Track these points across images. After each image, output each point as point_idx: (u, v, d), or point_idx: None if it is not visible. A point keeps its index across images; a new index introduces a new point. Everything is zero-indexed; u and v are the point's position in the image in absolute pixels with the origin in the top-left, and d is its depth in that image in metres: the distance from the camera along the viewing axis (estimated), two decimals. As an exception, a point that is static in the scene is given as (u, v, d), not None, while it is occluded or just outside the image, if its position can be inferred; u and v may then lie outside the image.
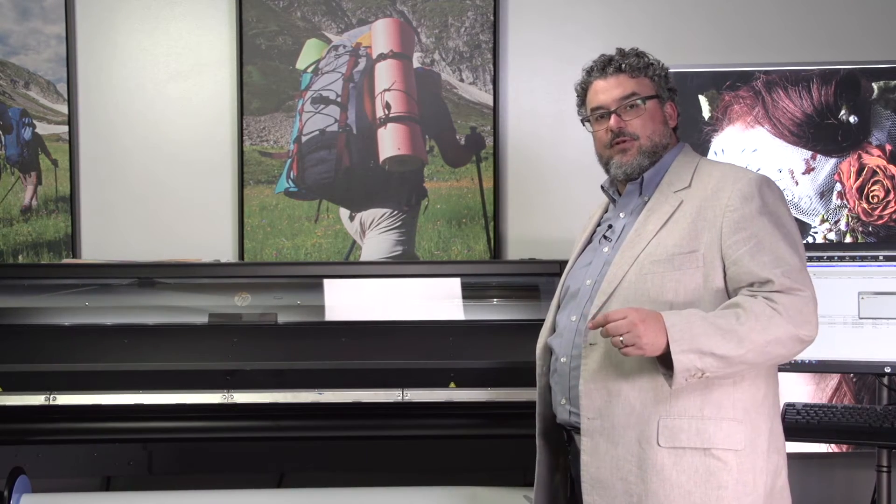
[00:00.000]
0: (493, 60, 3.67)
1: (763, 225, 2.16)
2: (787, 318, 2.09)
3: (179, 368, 2.96)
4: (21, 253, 3.68)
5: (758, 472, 2.14)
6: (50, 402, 2.88)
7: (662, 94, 2.37)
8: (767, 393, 2.20)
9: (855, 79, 3.58)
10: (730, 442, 2.12)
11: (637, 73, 2.35)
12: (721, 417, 2.13)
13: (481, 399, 2.92)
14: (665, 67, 2.40)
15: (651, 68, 2.37)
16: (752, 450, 2.13)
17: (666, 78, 2.38)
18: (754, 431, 2.14)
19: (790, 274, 2.13)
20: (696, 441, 2.13)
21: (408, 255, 3.68)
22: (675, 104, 2.40)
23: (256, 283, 3.27)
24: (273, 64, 3.67)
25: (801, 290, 2.12)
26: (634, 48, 2.41)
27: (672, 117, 2.39)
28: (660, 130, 2.35)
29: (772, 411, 2.20)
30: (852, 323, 3.05)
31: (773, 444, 2.18)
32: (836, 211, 3.59)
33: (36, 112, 3.68)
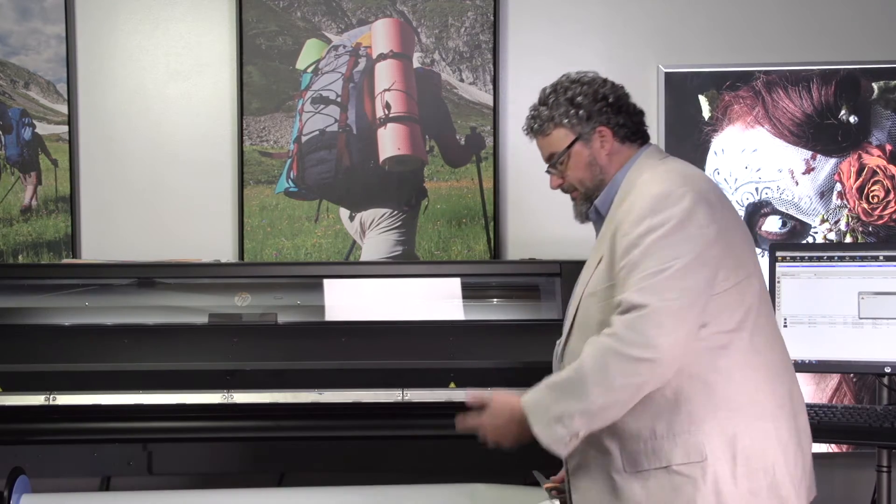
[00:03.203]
0: (493, 60, 3.67)
1: (643, 246, 2.08)
2: (618, 344, 2.04)
3: (179, 368, 2.96)
4: (21, 253, 3.68)
5: (725, 479, 2.08)
6: (50, 402, 2.88)
7: (582, 129, 2.29)
8: (724, 399, 2.11)
9: (855, 79, 3.59)
10: (688, 456, 2.09)
11: (547, 129, 2.33)
12: (674, 433, 2.10)
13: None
14: (577, 92, 2.30)
15: (557, 116, 2.30)
16: (714, 458, 2.08)
17: (579, 106, 2.28)
18: (715, 439, 2.09)
19: (641, 288, 2.05)
20: (656, 461, 2.11)
21: (408, 255, 3.68)
22: (609, 119, 2.29)
23: (256, 283, 3.27)
24: (273, 64, 3.67)
25: (644, 304, 2.03)
26: (543, 92, 2.37)
27: (605, 142, 2.29)
28: (591, 171, 2.30)
29: (735, 416, 2.11)
30: (852, 323, 3.05)
31: (744, 445, 2.10)
32: (836, 211, 3.60)
33: (36, 112, 3.68)
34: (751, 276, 2.18)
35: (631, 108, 2.33)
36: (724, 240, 2.12)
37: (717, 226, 2.10)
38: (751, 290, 2.17)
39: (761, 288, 2.22)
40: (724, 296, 2.12)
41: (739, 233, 2.22)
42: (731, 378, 2.12)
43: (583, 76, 2.35)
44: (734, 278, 2.13)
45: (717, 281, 2.10)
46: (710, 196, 2.15)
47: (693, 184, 2.15)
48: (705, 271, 2.07)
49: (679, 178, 2.17)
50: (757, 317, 2.17)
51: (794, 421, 2.19)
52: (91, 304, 3.23)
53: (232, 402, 2.90)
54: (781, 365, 2.21)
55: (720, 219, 2.13)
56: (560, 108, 2.30)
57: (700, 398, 2.11)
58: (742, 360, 2.13)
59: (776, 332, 2.25)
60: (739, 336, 2.13)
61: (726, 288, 2.12)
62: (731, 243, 2.15)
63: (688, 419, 2.11)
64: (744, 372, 2.13)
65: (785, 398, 2.18)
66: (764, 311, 2.21)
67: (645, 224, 2.09)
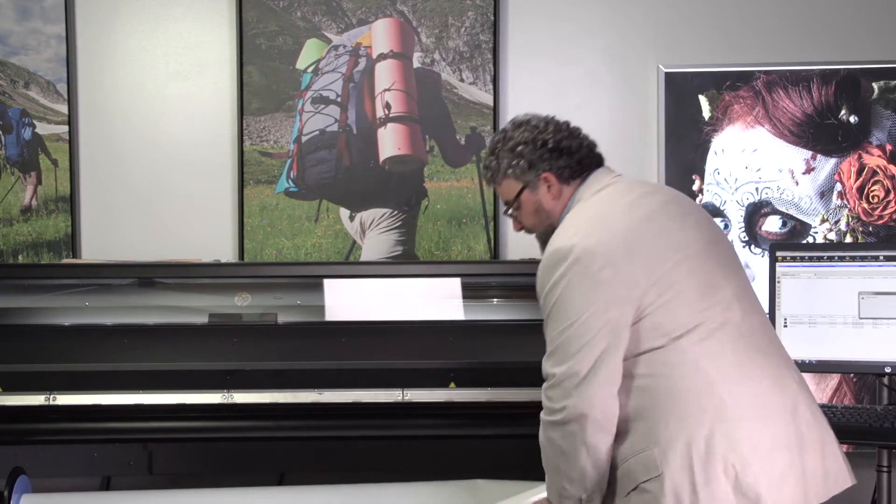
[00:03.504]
0: (494, 60, 3.67)
1: (546, 310, 2.22)
2: (546, 415, 2.20)
3: (179, 368, 2.96)
4: (21, 253, 3.68)
5: (684, 489, 2.09)
6: (50, 402, 2.88)
7: (527, 178, 2.37)
8: (672, 410, 2.13)
9: (855, 79, 3.59)
10: (648, 472, 2.13)
11: (497, 180, 2.43)
12: (636, 452, 2.15)
13: (481, 399, 2.92)
14: (518, 140, 2.38)
15: (503, 168, 2.39)
16: (671, 470, 2.10)
17: (521, 156, 2.37)
18: (670, 451, 2.10)
19: (549, 355, 2.20)
20: (630, 483, 2.16)
21: (408, 255, 3.68)
22: (551, 165, 2.36)
23: (256, 283, 3.27)
24: (273, 64, 3.67)
25: (552, 374, 2.18)
26: (492, 141, 2.45)
27: (551, 186, 2.37)
28: (539, 217, 2.41)
29: (686, 425, 2.11)
30: (852, 323, 3.05)
31: (700, 452, 2.09)
32: (836, 211, 3.60)
33: (36, 112, 3.68)
34: (690, 289, 2.19)
35: (573, 147, 2.38)
36: (633, 269, 2.16)
37: (615, 265, 2.16)
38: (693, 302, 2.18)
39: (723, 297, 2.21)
40: (657, 314, 2.16)
41: (668, 251, 2.21)
42: (677, 389, 2.14)
43: (526, 122, 2.42)
44: (667, 295, 2.17)
45: (642, 307, 2.16)
46: (604, 238, 2.19)
47: (587, 230, 2.21)
48: (610, 314, 2.15)
49: (576, 226, 2.25)
50: (712, 325, 2.18)
51: (776, 422, 2.15)
52: (91, 304, 3.22)
53: (232, 402, 2.90)
54: (754, 365, 2.19)
55: (620, 255, 2.17)
56: (505, 160, 2.40)
57: (650, 414, 2.15)
58: (687, 370, 2.15)
59: (747, 335, 2.22)
60: (681, 348, 2.16)
61: (658, 307, 2.16)
62: (647, 270, 2.17)
63: (643, 438, 2.15)
64: (691, 380, 2.14)
65: (759, 398, 2.15)
66: (728, 318, 2.20)
67: (545, 287, 2.22)
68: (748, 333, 2.22)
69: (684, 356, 2.15)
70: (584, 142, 2.40)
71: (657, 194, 2.34)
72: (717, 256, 2.28)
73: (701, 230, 2.30)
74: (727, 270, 2.27)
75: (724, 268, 2.27)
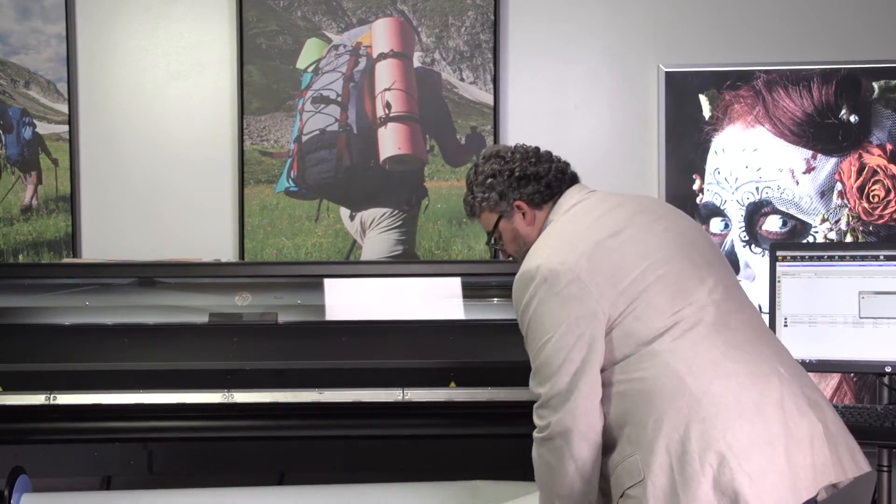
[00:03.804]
0: (494, 60, 3.67)
1: (523, 330, 2.30)
2: (535, 433, 2.25)
3: (180, 368, 2.95)
4: (21, 252, 3.68)
5: (665, 492, 2.10)
6: (50, 402, 2.88)
7: (500, 207, 2.45)
8: (649, 414, 2.15)
9: (855, 78, 3.58)
10: (632, 478, 2.15)
11: (476, 213, 2.51)
12: (623, 459, 2.18)
13: (481, 399, 2.92)
14: (488, 173, 2.44)
15: (478, 202, 2.47)
16: (653, 474, 2.11)
17: (492, 188, 2.44)
18: (651, 455, 2.12)
19: (533, 375, 2.26)
20: (617, 490, 2.20)
21: (408, 254, 3.68)
22: (521, 194, 2.43)
23: (257, 282, 3.27)
24: (273, 63, 3.67)
25: (538, 394, 2.24)
26: (467, 177, 2.51)
27: (525, 213, 2.44)
28: (517, 243, 2.48)
29: (664, 427, 2.13)
30: (853, 322, 3.05)
31: (678, 454, 2.10)
32: (836, 210, 3.59)
33: (36, 111, 3.68)
34: (660, 294, 2.22)
35: (541, 172, 2.44)
36: (599, 282, 2.20)
37: (580, 280, 2.20)
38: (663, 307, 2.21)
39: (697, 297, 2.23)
40: (627, 322, 2.20)
41: (636, 259, 2.24)
42: (652, 392, 2.16)
43: (495, 153, 2.50)
44: (637, 303, 2.21)
45: (612, 318, 2.20)
46: (568, 256, 2.23)
47: (551, 250, 2.27)
48: (581, 328, 2.20)
49: (542, 248, 2.31)
50: (684, 326, 2.20)
51: (754, 418, 2.14)
52: (91, 304, 3.22)
53: (232, 401, 2.89)
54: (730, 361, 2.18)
55: (585, 271, 2.21)
56: (479, 194, 2.48)
57: (631, 420, 2.18)
58: (659, 372, 2.17)
59: (724, 332, 2.22)
60: (653, 352, 2.18)
61: (627, 315, 2.20)
62: (613, 281, 2.21)
63: (627, 444, 2.18)
64: (665, 382, 2.16)
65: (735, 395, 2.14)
66: (701, 318, 2.21)
67: (518, 309, 2.30)
68: (725, 330, 2.22)
69: (656, 359, 2.18)
70: (553, 165, 2.46)
71: (626, 206, 2.37)
72: (691, 258, 2.29)
73: (673, 234, 2.33)
74: (705, 270, 2.28)
75: (699, 268, 2.28)
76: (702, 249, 2.35)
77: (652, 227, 2.31)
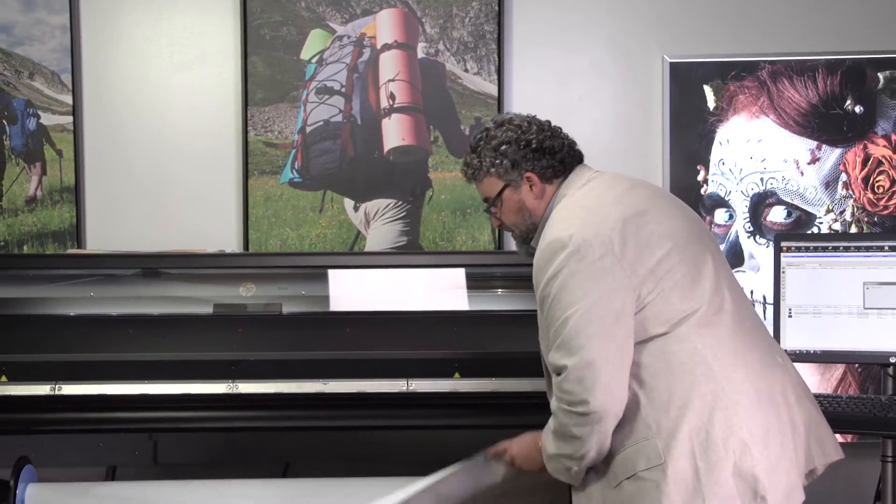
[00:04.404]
0: (498, 50, 3.67)
1: (547, 302, 2.21)
2: (561, 403, 2.17)
3: (184, 358, 2.96)
4: (26, 243, 3.69)
5: (687, 477, 2.11)
6: (55, 392, 2.88)
7: (510, 177, 2.38)
8: (673, 399, 2.15)
9: (861, 69, 3.58)
10: (649, 461, 2.14)
11: (478, 177, 2.43)
12: (636, 441, 2.17)
13: (486, 389, 2.92)
14: (502, 140, 2.38)
15: (485, 166, 2.39)
16: (673, 458, 2.11)
17: (504, 155, 2.37)
18: (673, 440, 2.12)
19: (557, 347, 2.17)
20: (626, 471, 2.18)
21: (412, 245, 3.68)
22: (534, 165, 2.37)
23: (261, 273, 3.27)
24: (277, 54, 3.67)
25: (563, 366, 2.15)
26: (473, 139, 2.44)
27: (533, 185, 2.38)
28: (521, 215, 2.41)
29: (688, 412, 2.13)
30: (857, 313, 3.05)
31: (701, 440, 2.12)
32: (841, 201, 3.59)
33: (40, 103, 3.68)
34: (683, 277, 2.21)
35: (556, 147, 2.39)
36: (630, 259, 2.18)
37: (614, 254, 2.17)
38: (686, 290, 2.21)
39: (713, 284, 2.24)
40: (656, 303, 2.19)
41: (660, 240, 2.23)
42: (678, 377, 2.16)
43: (508, 120, 2.42)
44: (663, 283, 2.19)
45: (641, 296, 2.18)
46: (601, 228, 2.19)
47: (581, 221, 2.21)
48: (614, 302, 2.15)
49: (569, 219, 2.25)
50: (709, 311, 2.21)
51: (768, 408, 2.18)
52: (96, 295, 3.23)
53: (237, 392, 2.90)
54: (747, 351, 2.22)
55: (618, 245, 2.18)
56: (487, 158, 2.39)
57: (651, 403, 2.17)
58: (687, 358, 2.17)
59: (739, 320, 2.25)
60: (681, 335, 2.18)
61: (656, 296, 2.19)
62: (642, 259, 2.19)
63: (644, 426, 2.17)
64: (691, 368, 2.17)
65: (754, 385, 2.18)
66: (721, 305, 2.23)
67: (543, 279, 2.21)
68: (740, 319, 2.26)
69: (684, 344, 2.18)
70: (566, 141, 2.42)
71: (640, 188, 2.37)
72: (701, 245, 2.31)
73: (686, 220, 2.34)
74: (712, 259, 2.30)
75: (713, 257, 2.31)
76: (708, 239, 2.39)
77: (670, 212, 2.32)
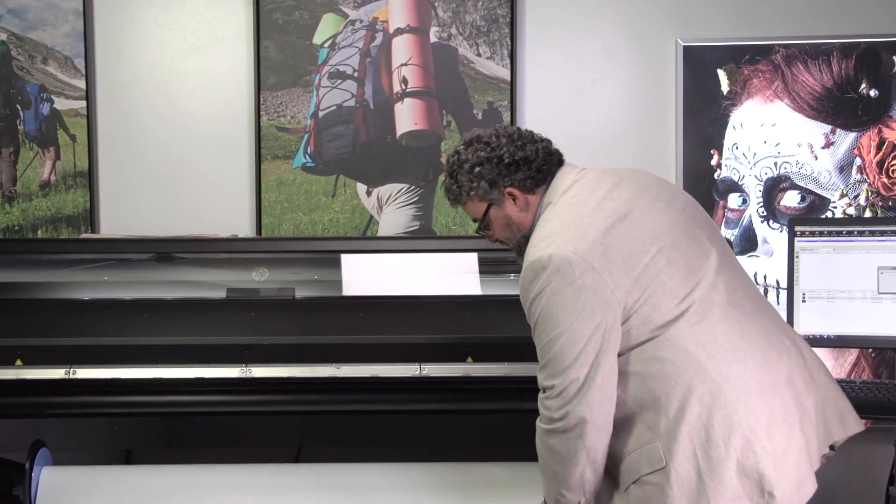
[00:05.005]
0: (511, 35, 3.65)
1: (533, 321, 2.22)
2: (544, 424, 2.21)
3: (198, 343, 2.96)
4: (40, 227, 3.70)
5: (690, 478, 2.11)
6: (70, 376, 2.89)
7: (491, 196, 2.35)
8: (670, 402, 2.14)
9: (876, 52, 3.56)
10: (651, 464, 2.15)
11: (462, 201, 2.40)
12: (640, 445, 2.17)
13: (499, 374, 2.92)
14: (475, 161, 2.33)
15: (465, 191, 2.36)
16: (676, 461, 2.11)
17: (481, 177, 2.33)
18: (673, 444, 2.12)
19: (543, 367, 2.20)
20: (630, 476, 2.18)
21: (425, 230, 3.68)
22: (512, 181, 2.33)
23: (274, 258, 3.28)
24: (290, 39, 3.67)
25: (548, 386, 2.18)
26: (449, 164, 2.40)
27: (517, 199, 2.34)
28: (510, 230, 2.40)
29: (686, 413, 2.12)
30: (871, 298, 3.04)
31: (702, 440, 2.11)
32: (855, 185, 3.57)
33: (54, 87, 3.68)
34: (672, 279, 2.19)
35: (530, 156, 2.34)
36: (613, 271, 2.16)
37: (595, 270, 2.15)
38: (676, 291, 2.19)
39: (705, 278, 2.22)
40: (643, 310, 2.18)
41: (645, 244, 2.21)
42: (672, 379, 2.15)
43: (476, 139, 2.38)
44: (650, 289, 2.18)
45: (628, 307, 2.17)
46: (579, 244, 2.17)
47: (561, 238, 2.19)
48: (597, 319, 2.15)
49: (550, 236, 2.22)
50: (699, 309, 2.19)
51: (771, 398, 2.16)
52: (110, 279, 3.24)
53: (250, 376, 2.91)
54: (744, 342, 2.19)
55: (598, 260, 2.16)
56: (464, 182, 2.36)
57: (650, 407, 2.17)
58: (679, 359, 2.16)
59: (734, 311, 2.22)
60: (671, 338, 2.17)
61: (643, 303, 2.18)
62: (625, 269, 2.18)
63: (645, 430, 2.17)
64: (685, 369, 2.15)
65: (753, 377, 2.16)
66: (713, 299, 2.21)
67: (527, 299, 2.21)
68: (735, 308, 2.23)
69: (675, 346, 2.17)
70: (539, 146, 2.36)
71: (624, 184, 2.31)
72: (693, 234, 2.28)
73: (674, 211, 2.30)
74: (705, 246, 2.27)
75: (701, 244, 2.27)
76: (700, 222, 2.34)
77: (655, 206, 2.28)
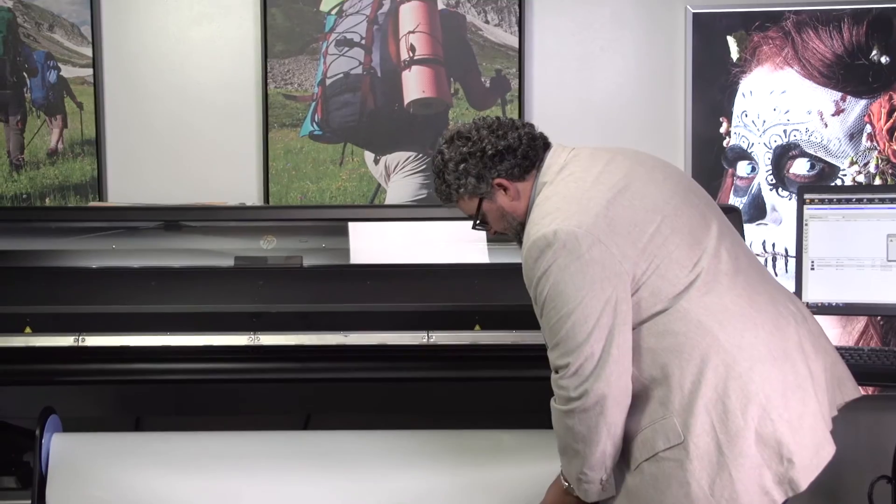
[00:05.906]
0: (519, 2, 3.63)
1: (540, 300, 2.19)
2: (560, 404, 2.19)
3: (206, 311, 2.97)
4: (48, 196, 3.70)
5: (710, 451, 2.10)
6: (79, 344, 2.90)
7: (480, 190, 2.33)
8: (685, 376, 2.14)
9: (887, 18, 3.53)
10: (668, 440, 2.14)
11: (453, 199, 2.39)
12: (654, 420, 2.17)
13: (506, 342, 2.93)
14: (460, 158, 2.31)
15: (454, 189, 2.35)
16: (694, 434, 2.11)
17: (467, 173, 2.31)
18: (691, 416, 2.12)
19: (555, 346, 2.18)
20: (645, 453, 2.17)
21: (433, 198, 3.66)
22: (499, 172, 2.31)
23: (282, 226, 3.27)
24: (297, 6, 3.65)
25: (562, 365, 2.16)
26: (434, 164, 2.39)
27: (507, 189, 2.32)
28: (506, 220, 2.38)
29: (702, 387, 2.12)
30: (881, 265, 3.03)
31: (718, 412, 2.11)
32: (865, 153, 3.56)
33: (61, 55, 3.67)
34: (678, 248, 2.19)
35: (513, 144, 2.31)
36: (619, 243, 2.15)
37: (601, 242, 2.13)
38: (683, 260, 2.19)
39: (709, 247, 2.22)
40: (652, 280, 2.17)
41: (649, 214, 2.20)
42: (686, 352, 2.15)
43: (457, 134, 2.36)
44: (658, 259, 2.17)
45: (636, 278, 2.16)
46: (584, 217, 2.15)
47: (563, 213, 2.17)
48: (607, 292, 2.13)
49: (551, 213, 2.19)
50: (707, 278, 2.18)
51: (783, 364, 2.16)
52: (118, 247, 3.24)
53: (258, 343, 2.91)
54: (753, 311, 2.19)
55: (604, 231, 2.14)
56: (453, 181, 2.35)
57: (664, 381, 2.16)
58: (692, 331, 2.15)
59: (740, 280, 2.22)
60: (683, 310, 2.16)
61: (651, 274, 2.16)
62: (632, 239, 2.16)
63: (659, 406, 2.16)
64: (698, 341, 2.14)
65: (765, 344, 2.16)
66: (719, 268, 2.20)
67: (533, 278, 2.19)
68: (741, 276, 2.23)
69: (687, 317, 2.16)
70: (521, 132, 2.33)
71: (618, 160, 2.30)
72: (693, 204, 2.27)
73: (672, 182, 2.30)
74: (705, 217, 2.27)
75: (702, 215, 2.26)
76: (697, 193, 2.34)
77: (653, 177, 2.27)
